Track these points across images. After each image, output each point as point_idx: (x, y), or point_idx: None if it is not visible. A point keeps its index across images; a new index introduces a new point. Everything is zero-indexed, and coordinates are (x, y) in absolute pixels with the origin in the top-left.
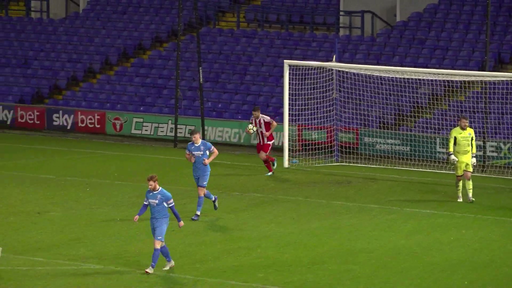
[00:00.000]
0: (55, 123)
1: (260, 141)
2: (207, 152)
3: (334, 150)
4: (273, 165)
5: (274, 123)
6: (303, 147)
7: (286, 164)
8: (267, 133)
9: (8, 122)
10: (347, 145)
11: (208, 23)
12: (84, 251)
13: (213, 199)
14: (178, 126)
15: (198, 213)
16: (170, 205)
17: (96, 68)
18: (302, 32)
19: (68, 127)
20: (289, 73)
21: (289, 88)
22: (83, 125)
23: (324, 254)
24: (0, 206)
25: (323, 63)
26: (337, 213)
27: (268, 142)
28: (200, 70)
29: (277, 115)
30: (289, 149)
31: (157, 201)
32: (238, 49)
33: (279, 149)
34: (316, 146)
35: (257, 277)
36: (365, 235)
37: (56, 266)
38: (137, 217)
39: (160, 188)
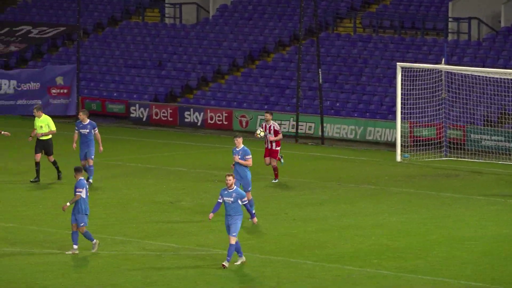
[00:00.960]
0: (186, 120)
1: (268, 146)
2: (245, 158)
3: (443, 145)
4: (281, 163)
5: (281, 136)
6: (414, 143)
7: (398, 158)
8: (273, 138)
9: (144, 119)
10: (455, 141)
11: (327, 28)
12: (213, 238)
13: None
14: (299, 123)
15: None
16: (244, 203)
17: (224, 69)
18: (414, 37)
19: (198, 124)
20: (402, 75)
21: (401, 88)
22: (212, 122)
23: (434, 241)
24: (137, 196)
25: (433, 65)
26: (445, 204)
27: (277, 148)
28: (320, 72)
29: (390, 113)
30: (401, 145)
31: (232, 199)
32: (354, 52)
33: (392, 145)
34: (426, 142)
35: (372, 263)
36: (471, 224)
37: (186, 251)
38: (211, 214)
39: (236, 186)
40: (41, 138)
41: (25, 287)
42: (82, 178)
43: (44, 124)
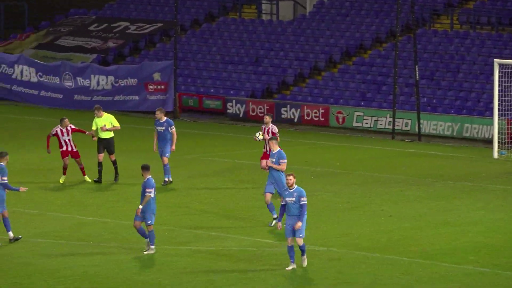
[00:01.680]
0: (283, 116)
1: (267, 150)
2: (279, 161)
3: None
4: None
5: (278, 139)
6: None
7: (495, 155)
8: (268, 137)
9: (241, 115)
10: None
11: (424, 25)
12: (308, 234)
13: (274, 217)
14: (396, 120)
15: (275, 216)
16: (302, 203)
17: (321, 66)
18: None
19: (295, 120)
20: (499, 71)
21: (499, 85)
22: (309, 118)
23: None
24: (233, 192)
25: None
26: None
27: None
28: (416, 68)
29: (488, 110)
30: (498, 142)
31: (294, 199)
32: (451, 49)
33: (488, 142)
34: None
35: (468, 260)
36: None
37: (284, 248)
38: (279, 224)
39: (296, 186)
40: (103, 136)
41: (123, 282)
42: (150, 176)
43: (108, 122)
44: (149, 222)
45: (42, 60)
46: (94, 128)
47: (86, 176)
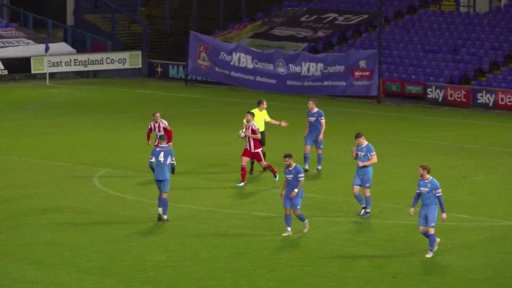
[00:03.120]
0: (479, 101)
1: (248, 147)
2: (368, 155)
3: None
4: (275, 177)
5: (259, 135)
6: None
7: None
8: (249, 134)
9: (440, 100)
10: None
11: None
12: (502, 210)
13: (363, 206)
14: None
15: (368, 210)
16: (437, 195)
17: None
18: None
19: (490, 105)
20: None
21: None
22: (503, 103)
23: None
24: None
25: None
26: None
27: (257, 150)
28: None
29: None
30: None
31: (427, 189)
32: None
33: None
34: None
35: None
36: None
37: (478, 222)
38: (412, 209)
39: (431, 177)
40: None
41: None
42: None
43: (266, 115)
44: (298, 207)
45: (257, 48)
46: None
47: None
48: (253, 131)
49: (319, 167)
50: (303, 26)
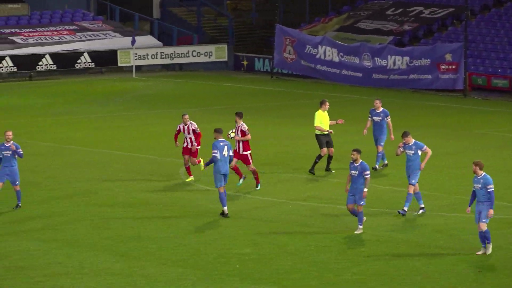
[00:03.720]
0: None
1: (237, 149)
2: (419, 152)
3: None
4: (239, 181)
5: (249, 136)
6: None
7: None
8: (239, 138)
9: None
10: None
11: None
12: None
13: (421, 206)
14: None
15: (406, 208)
16: (489, 190)
17: None
18: None
19: None
20: None
21: None
22: None
23: None
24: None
25: None
26: None
27: (246, 153)
28: None
29: None
30: None
31: (480, 185)
32: None
33: None
34: None
35: None
36: None
37: None
38: (469, 209)
39: (483, 173)
40: (326, 133)
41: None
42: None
43: (326, 120)
44: (361, 203)
45: (343, 41)
46: (317, 124)
47: (191, 176)
48: (242, 133)
49: (377, 166)
50: (388, 20)
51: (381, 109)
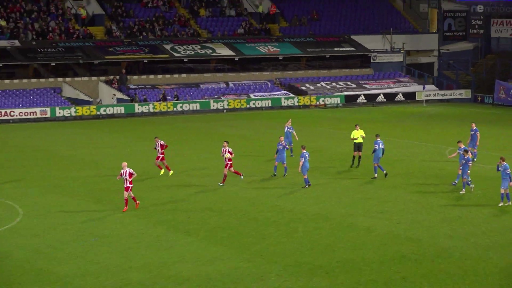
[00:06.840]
0: None
1: (226, 165)
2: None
3: None
4: (222, 182)
5: (231, 156)
6: None
7: None
8: (228, 156)
9: None
10: None
11: None
12: None
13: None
14: None
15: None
16: None
17: None
18: None
19: None
20: None
21: None
22: None
23: None
24: None
25: None
26: None
27: (225, 168)
28: None
29: None
30: None
31: None
32: None
33: None
34: None
35: None
36: None
37: None
38: None
39: None
40: (357, 141)
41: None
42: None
43: (360, 135)
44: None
45: None
46: (351, 136)
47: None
48: (230, 153)
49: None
50: None
51: (475, 127)
